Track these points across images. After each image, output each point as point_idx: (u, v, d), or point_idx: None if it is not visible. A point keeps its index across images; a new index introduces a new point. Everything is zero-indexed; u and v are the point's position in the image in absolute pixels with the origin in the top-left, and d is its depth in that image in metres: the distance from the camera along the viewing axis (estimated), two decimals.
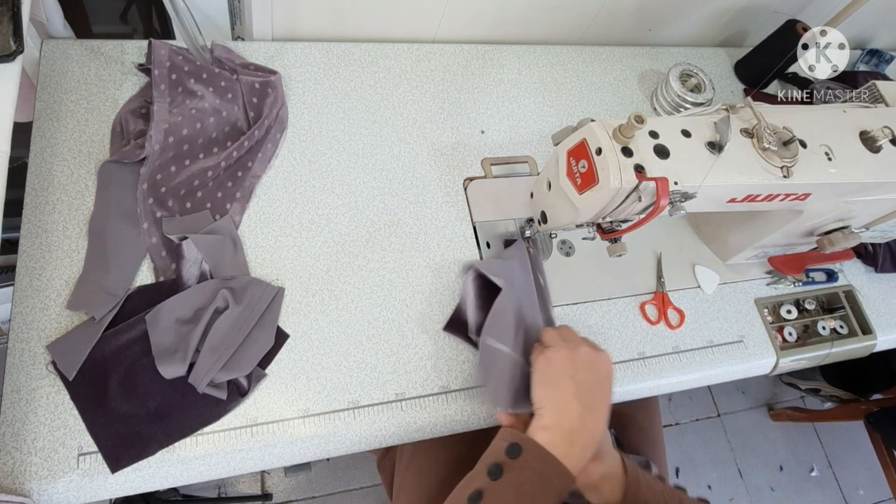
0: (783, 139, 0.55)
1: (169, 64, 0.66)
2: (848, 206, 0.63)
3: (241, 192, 0.66)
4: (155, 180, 0.62)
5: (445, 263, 0.69)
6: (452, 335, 0.65)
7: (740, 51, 0.97)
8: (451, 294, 0.67)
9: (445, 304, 0.66)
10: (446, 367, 0.63)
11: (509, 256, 0.67)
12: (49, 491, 0.50)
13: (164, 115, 0.65)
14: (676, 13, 0.92)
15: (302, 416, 0.57)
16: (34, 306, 0.56)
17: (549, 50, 0.89)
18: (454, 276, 0.68)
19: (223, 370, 0.55)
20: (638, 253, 0.75)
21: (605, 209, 0.53)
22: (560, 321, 0.69)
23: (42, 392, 0.53)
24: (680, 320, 0.72)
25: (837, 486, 1.68)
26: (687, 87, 0.84)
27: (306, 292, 0.63)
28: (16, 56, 0.53)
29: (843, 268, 0.84)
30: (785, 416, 1.69)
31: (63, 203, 0.61)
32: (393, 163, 0.74)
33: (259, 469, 0.57)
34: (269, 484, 1.32)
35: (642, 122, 0.48)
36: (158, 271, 0.60)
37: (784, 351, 0.74)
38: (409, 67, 0.81)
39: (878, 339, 0.79)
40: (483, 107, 0.81)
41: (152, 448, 0.53)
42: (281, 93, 0.71)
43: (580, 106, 0.86)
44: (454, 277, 0.68)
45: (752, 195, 0.56)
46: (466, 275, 0.66)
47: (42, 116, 0.64)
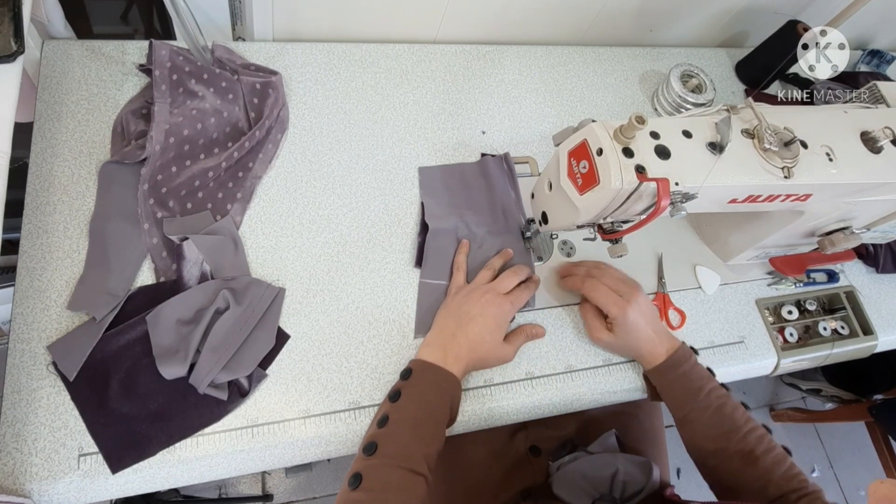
0: (784, 140, 0.55)
1: (170, 64, 0.66)
2: (849, 207, 0.63)
3: (242, 193, 0.66)
4: (156, 181, 0.62)
5: None
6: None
7: (741, 51, 0.97)
8: None
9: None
10: None
11: (472, 171, 0.75)
12: (50, 491, 0.50)
13: (165, 116, 0.65)
14: (677, 14, 0.92)
15: (303, 417, 0.57)
16: (35, 307, 0.56)
17: (550, 50, 0.89)
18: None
19: (224, 371, 0.55)
20: (639, 253, 0.75)
21: (605, 210, 0.53)
22: (560, 321, 0.69)
23: (43, 393, 0.53)
24: (681, 321, 0.72)
25: (839, 487, 1.68)
26: (688, 88, 0.84)
27: (307, 293, 0.63)
28: (16, 56, 0.53)
29: (844, 268, 0.83)
30: (786, 417, 1.69)
31: (64, 203, 0.61)
32: (394, 163, 0.74)
33: (260, 470, 0.57)
34: (270, 485, 1.32)
35: (643, 123, 0.48)
36: (159, 272, 0.60)
37: (785, 351, 0.74)
38: (410, 68, 0.81)
39: (879, 340, 0.79)
40: (484, 107, 0.81)
41: (153, 449, 0.53)
42: (282, 93, 0.71)
43: (581, 106, 0.86)
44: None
45: (753, 196, 0.56)
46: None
47: (43, 117, 0.64)
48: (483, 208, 0.72)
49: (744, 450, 0.57)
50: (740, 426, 0.59)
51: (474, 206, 0.72)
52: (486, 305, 0.60)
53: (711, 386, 0.61)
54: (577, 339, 0.68)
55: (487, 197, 0.73)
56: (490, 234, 0.71)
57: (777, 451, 0.58)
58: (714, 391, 0.61)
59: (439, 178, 0.73)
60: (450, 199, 0.71)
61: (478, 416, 0.62)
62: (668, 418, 0.69)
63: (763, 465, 0.56)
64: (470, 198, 0.72)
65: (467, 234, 0.70)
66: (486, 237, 0.70)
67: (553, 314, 0.69)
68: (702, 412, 0.60)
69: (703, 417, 0.60)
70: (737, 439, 0.58)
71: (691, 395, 0.60)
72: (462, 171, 0.74)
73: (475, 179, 0.74)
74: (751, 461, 0.57)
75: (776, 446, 0.59)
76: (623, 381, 0.67)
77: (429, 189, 0.72)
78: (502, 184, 0.74)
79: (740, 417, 0.59)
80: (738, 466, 0.57)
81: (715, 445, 0.59)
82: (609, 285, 0.64)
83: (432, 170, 0.73)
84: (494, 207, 0.72)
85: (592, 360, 0.67)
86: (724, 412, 0.59)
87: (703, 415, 0.59)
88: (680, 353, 0.63)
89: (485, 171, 0.74)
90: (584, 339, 0.68)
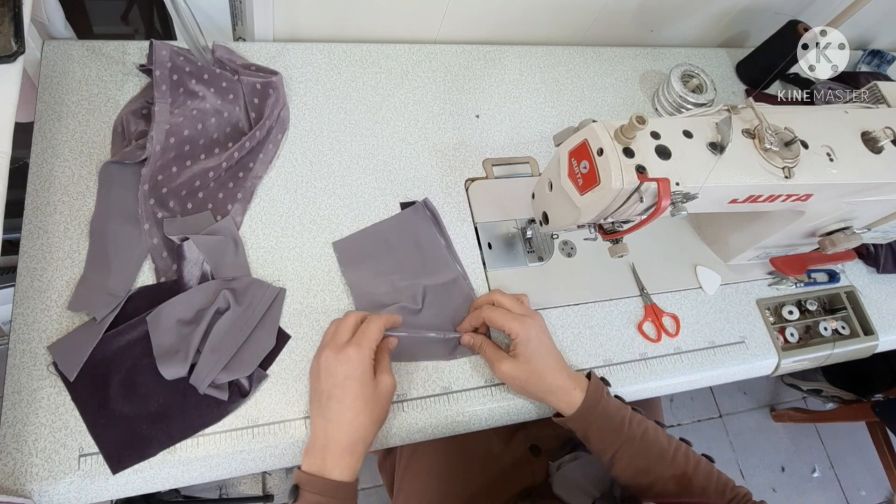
0: (785, 140, 0.55)
1: (170, 64, 0.66)
2: (850, 207, 0.63)
3: (243, 193, 0.66)
4: (156, 181, 0.62)
5: None
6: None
7: (742, 51, 0.97)
8: None
9: None
10: (447, 368, 0.63)
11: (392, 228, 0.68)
12: (50, 492, 0.50)
13: (166, 116, 0.65)
14: (678, 14, 0.92)
15: (303, 417, 0.57)
16: (35, 307, 0.56)
17: (550, 50, 0.89)
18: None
19: (224, 371, 0.55)
20: (639, 254, 0.75)
21: (606, 210, 0.53)
22: (561, 322, 0.69)
23: (43, 393, 0.53)
24: (676, 327, 0.72)
25: (839, 487, 1.68)
26: (688, 88, 0.84)
27: (308, 293, 0.63)
28: (17, 57, 0.53)
29: (845, 268, 0.83)
30: (787, 417, 1.69)
31: (64, 204, 0.61)
32: (394, 163, 0.73)
33: (260, 470, 0.57)
34: (271, 485, 1.32)
35: (644, 123, 0.48)
36: (160, 272, 0.60)
37: (786, 352, 0.74)
38: (411, 68, 0.81)
39: (879, 340, 0.78)
40: (485, 107, 0.81)
41: (153, 449, 0.53)
42: (282, 93, 0.71)
43: (582, 106, 0.85)
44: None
45: (753, 196, 0.56)
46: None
47: (43, 117, 0.64)
48: (413, 266, 0.66)
49: (676, 473, 0.55)
50: (666, 448, 0.56)
51: (403, 268, 0.66)
52: (331, 372, 0.51)
53: (629, 414, 0.57)
54: (577, 340, 0.68)
55: (415, 252, 0.67)
56: (430, 289, 0.65)
57: (702, 463, 0.57)
58: (633, 419, 0.57)
59: (358, 249, 0.66)
60: (375, 268, 0.65)
61: (478, 416, 0.62)
62: (669, 418, 0.69)
63: (697, 484, 0.55)
64: (396, 260, 0.66)
65: (397, 296, 0.64)
66: (427, 291, 0.65)
67: (551, 315, 0.69)
68: (629, 446, 0.56)
69: (631, 451, 0.56)
70: (667, 464, 0.56)
71: (615, 433, 0.56)
72: (380, 232, 0.68)
73: (397, 238, 0.67)
74: (685, 483, 0.55)
75: (700, 458, 0.57)
76: (623, 382, 0.67)
77: (349, 264, 0.65)
78: (427, 233, 0.68)
79: (663, 439, 0.57)
80: (675, 490, 0.55)
81: (649, 478, 0.56)
82: (508, 306, 0.60)
83: (348, 241, 0.66)
84: (426, 261, 0.67)
85: (593, 360, 0.67)
86: (648, 439, 0.56)
87: (631, 448, 0.56)
88: (593, 389, 0.57)
89: (405, 225, 0.68)
90: (583, 340, 0.68)
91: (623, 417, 0.57)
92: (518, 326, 0.57)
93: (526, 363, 0.57)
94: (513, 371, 0.58)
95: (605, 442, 0.56)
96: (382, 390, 0.53)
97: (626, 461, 0.56)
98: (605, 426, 0.56)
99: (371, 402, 0.51)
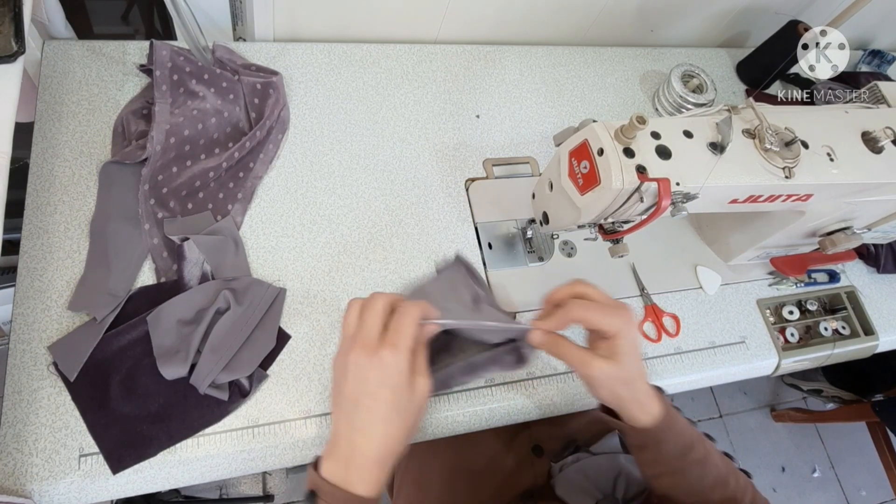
0: (785, 140, 0.55)
1: (170, 65, 0.66)
2: (850, 207, 0.63)
3: (243, 193, 0.66)
4: (156, 181, 0.62)
5: None
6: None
7: (742, 51, 0.97)
8: None
9: None
10: None
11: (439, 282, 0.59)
12: (50, 492, 0.50)
13: (166, 116, 0.65)
14: (678, 14, 0.92)
15: (303, 417, 0.57)
16: (35, 307, 0.56)
17: (550, 50, 0.89)
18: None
19: (225, 371, 0.55)
20: (640, 254, 0.75)
21: (606, 210, 0.53)
22: None
23: (43, 393, 0.53)
24: (676, 327, 0.72)
25: (840, 487, 1.68)
26: (689, 88, 0.84)
27: (308, 293, 0.63)
28: (17, 57, 0.53)
29: (845, 268, 0.83)
30: (787, 417, 1.69)
31: (64, 204, 0.61)
32: (394, 163, 0.73)
33: (261, 470, 0.57)
34: (271, 485, 1.32)
35: (644, 123, 0.48)
36: (160, 272, 0.60)
37: (786, 352, 0.74)
38: (411, 68, 0.81)
39: (880, 340, 0.78)
40: (485, 107, 0.81)
41: (153, 449, 0.53)
42: (282, 93, 0.71)
43: (582, 106, 0.85)
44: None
45: (753, 196, 0.56)
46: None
47: (43, 117, 0.64)
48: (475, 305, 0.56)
49: (726, 496, 0.51)
50: (725, 476, 0.51)
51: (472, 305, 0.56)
52: (361, 377, 0.43)
53: (697, 436, 0.51)
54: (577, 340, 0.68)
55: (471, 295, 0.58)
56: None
57: (749, 488, 0.53)
58: (699, 442, 0.51)
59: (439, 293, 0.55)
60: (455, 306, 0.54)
61: (479, 415, 0.62)
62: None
63: None
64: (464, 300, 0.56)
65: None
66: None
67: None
68: (691, 469, 0.50)
69: (692, 475, 0.50)
70: (720, 491, 0.51)
71: (682, 453, 0.50)
72: (442, 281, 0.59)
73: (453, 285, 0.58)
74: None
75: (748, 482, 0.53)
76: None
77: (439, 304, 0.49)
78: (467, 285, 0.59)
79: (722, 464, 0.52)
80: None
81: (696, 499, 0.51)
82: (598, 299, 0.50)
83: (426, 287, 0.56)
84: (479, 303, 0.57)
85: None
86: (709, 463, 0.51)
87: (693, 471, 0.50)
88: (668, 404, 0.51)
89: (451, 277, 0.60)
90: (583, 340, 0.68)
91: (692, 438, 0.51)
92: (620, 323, 0.48)
93: (627, 364, 0.48)
94: (613, 371, 0.48)
95: (668, 459, 0.50)
96: (418, 396, 0.44)
97: (679, 483, 0.51)
98: (675, 444, 0.50)
99: (404, 412, 0.44)
